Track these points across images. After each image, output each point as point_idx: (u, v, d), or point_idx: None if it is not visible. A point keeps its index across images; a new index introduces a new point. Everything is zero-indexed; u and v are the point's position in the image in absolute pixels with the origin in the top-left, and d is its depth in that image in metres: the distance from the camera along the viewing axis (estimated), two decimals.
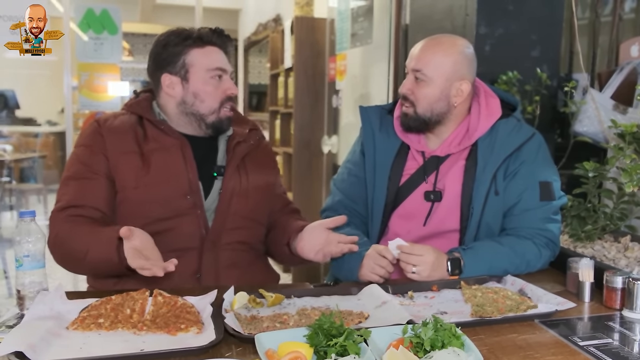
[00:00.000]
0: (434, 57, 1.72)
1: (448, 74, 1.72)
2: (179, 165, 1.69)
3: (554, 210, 1.74)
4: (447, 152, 1.79)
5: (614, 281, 1.43)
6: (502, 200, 1.73)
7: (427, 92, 1.72)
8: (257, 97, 7.73)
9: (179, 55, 1.70)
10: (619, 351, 1.19)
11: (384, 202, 1.81)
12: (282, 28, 5.37)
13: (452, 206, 1.76)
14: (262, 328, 1.25)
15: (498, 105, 1.79)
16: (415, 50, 1.76)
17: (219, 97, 1.73)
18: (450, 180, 1.76)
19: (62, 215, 1.62)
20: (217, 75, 1.72)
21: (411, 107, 1.75)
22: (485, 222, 1.73)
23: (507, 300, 1.44)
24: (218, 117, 1.73)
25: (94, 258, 1.53)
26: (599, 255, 1.77)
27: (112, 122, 1.72)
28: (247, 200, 1.75)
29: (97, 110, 3.65)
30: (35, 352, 1.10)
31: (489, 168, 1.72)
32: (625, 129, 1.75)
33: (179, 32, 1.73)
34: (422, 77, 1.72)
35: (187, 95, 1.72)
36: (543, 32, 2.38)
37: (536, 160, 1.75)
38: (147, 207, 1.64)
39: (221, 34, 1.76)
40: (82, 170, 1.66)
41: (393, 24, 3.20)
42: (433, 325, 1.10)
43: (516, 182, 1.73)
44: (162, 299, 1.37)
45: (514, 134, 1.75)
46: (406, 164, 1.82)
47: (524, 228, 1.71)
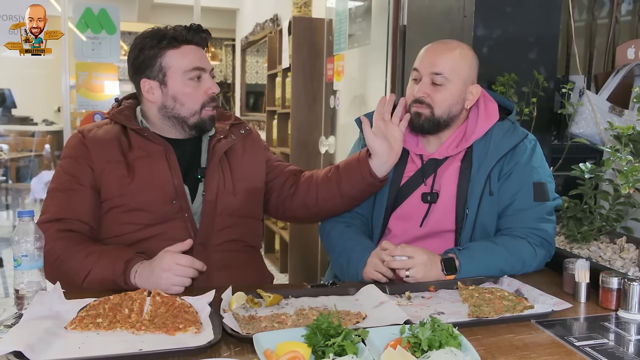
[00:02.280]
0: (453, 61, 1.73)
1: (465, 77, 1.75)
2: (163, 171, 1.67)
3: (548, 210, 1.76)
4: (445, 154, 1.81)
5: (610, 282, 1.44)
6: (496, 200, 1.75)
7: (446, 95, 1.74)
8: (254, 97, 7.73)
9: (155, 58, 1.67)
10: (614, 351, 1.20)
11: (385, 204, 1.83)
12: (279, 28, 5.38)
13: (447, 207, 1.77)
14: (260, 328, 1.26)
15: (496, 110, 1.81)
16: (430, 54, 1.75)
17: (200, 98, 1.69)
18: (445, 181, 1.79)
19: (51, 230, 1.59)
20: (195, 77, 1.68)
21: (427, 108, 1.75)
22: (481, 223, 1.74)
23: (504, 300, 1.45)
24: (200, 117, 1.70)
25: (94, 281, 1.52)
26: (595, 257, 1.78)
27: (95, 133, 1.71)
28: (234, 197, 1.74)
29: (95, 110, 3.64)
30: (34, 351, 1.10)
31: (483, 169, 1.74)
32: (622, 131, 1.76)
33: (153, 33, 1.69)
34: (442, 81, 1.73)
35: (167, 99, 1.69)
36: (540, 34, 2.39)
37: (530, 161, 1.76)
38: (134, 214, 1.63)
39: (197, 31, 1.71)
40: (68, 182, 1.65)
41: (391, 25, 3.20)
42: (430, 325, 1.11)
43: (510, 182, 1.75)
44: (160, 299, 1.37)
45: (508, 136, 1.77)
46: (406, 167, 1.84)
47: (518, 228, 1.73)
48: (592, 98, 2.28)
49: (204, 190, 1.71)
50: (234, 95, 8.98)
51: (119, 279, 1.50)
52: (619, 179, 1.71)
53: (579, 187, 1.93)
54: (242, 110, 7.65)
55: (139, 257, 1.54)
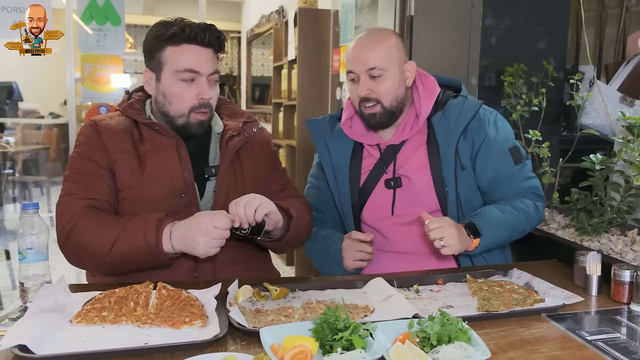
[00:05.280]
0: (382, 50, 1.75)
1: (397, 60, 1.78)
2: (174, 164, 1.65)
3: (529, 168, 1.84)
4: (401, 139, 1.83)
5: (621, 275, 1.42)
6: (471, 174, 1.79)
7: (388, 84, 1.76)
8: (260, 90, 7.71)
9: (156, 51, 1.64)
10: (627, 345, 1.18)
11: (350, 203, 1.87)
12: (285, 20, 5.35)
13: (424, 190, 1.80)
14: (267, 322, 1.24)
15: (435, 83, 1.86)
16: (359, 53, 1.77)
17: (188, 101, 1.64)
18: (414, 166, 1.81)
19: (77, 205, 1.55)
20: (188, 79, 1.62)
21: (376, 104, 1.77)
22: (464, 199, 1.78)
23: (514, 294, 1.43)
24: (187, 121, 1.66)
25: (123, 246, 1.48)
26: (606, 249, 1.75)
27: (108, 123, 1.69)
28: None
29: (100, 103, 3.64)
30: (39, 345, 1.09)
31: (450, 145, 1.77)
32: (634, 122, 1.73)
33: (162, 24, 1.65)
34: (380, 72, 1.74)
35: (158, 94, 1.67)
36: (550, 23, 2.36)
37: (498, 130, 1.81)
38: (142, 206, 1.60)
39: (204, 30, 1.63)
40: (86, 165, 1.63)
41: (398, 15, 3.17)
42: (440, 319, 1.09)
43: (488, 156, 1.79)
44: (166, 292, 1.36)
45: (466, 108, 1.79)
46: (363, 162, 1.88)
47: (512, 192, 1.79)
48: (603, 88, 2.25)
49: (215, 186, 1.69)
50: (240, 88, 8.97)
51: (151, 237, 1.45)
52: (631, 170, 1.69)
53: (589, 179, 1.90)
54: (248, 103, 7.63)
55: (170, 218, 1.52)
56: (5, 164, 5.69)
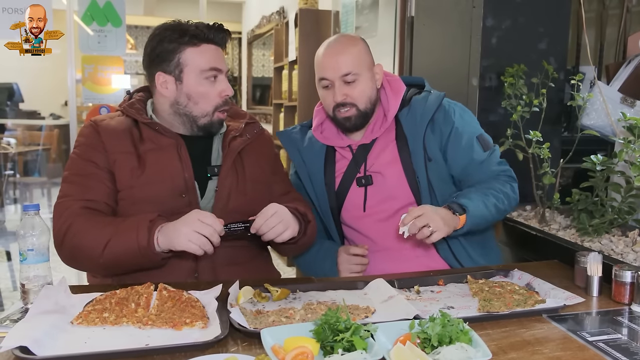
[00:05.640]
0: (353, 55, 1.79)
1: (368, 63, 1.83)
2: (174, 164, 1.66)
3: (498, 154, 1.89)
4: (372, 137, 1.88)
5: (622, 276, 1.42)
6: (442, 164, 1.84)
7: (362, 88, 1.80)
8: (260, 91, 7.71)
9: (174, 53, 1.64)
10: (628, 346, 1.17)
11: (328, 206, 1.91)
12: (286, 20, 5.35)
13: (397, 184, 1.84)
14: (268, 323, 1.24)
15: (400, 81, 1.93)
16: (330, 60, 1.80)
17: (213, 100, 1.67)
18: (385, 161, 1.85)
19: (74, 206, 1.56)
20: (212, 77, 1.66)
21: (352, 107, 1.80)
22: (438, 189, 1.82)
23: (515, 294, 1.43)
24: (211, 120, 1.69)
25: (115, 247, 1.48)
26: (607, 250, 1.75)
27: (108, 123, 1.69)
28: (245, 196, 1.71)
29: (101, 104, 3.64)
30: (40, 346, 1.09)
31: (418, 138, 1.82)
32: (635, 122, 1.73)
33: (174, 26, 1.66)
34: (353, 77, 1.78)
35: (181, 96, 1.67)
36: (550, 24, 2.36)
37: (464, 119, 1.87)
38: (142, 206, 1.60)
39: (219, 30, 1.68)
40: (85, 166, 1.63)
41: (398, 16, 3.17)
42: (440, 320, 1.09)
43: (457, 145, 1.83)
44: (166, 293, 1.36)
45: (429, 101, 1.85)
46: (336, 165, 1.92)
47: (485, 176, 1.83)
48: (603, 89, 2.24)
49: (217, 186, 1.69)
50: (241, 89, 8.97)
51: (142, 238, 1.45)
52: (632, 171, 1.69)
53: (590, 180, 1.90)
54: (249, 104, 7.63)
55: (162, 219, 1.52)
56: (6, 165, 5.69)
